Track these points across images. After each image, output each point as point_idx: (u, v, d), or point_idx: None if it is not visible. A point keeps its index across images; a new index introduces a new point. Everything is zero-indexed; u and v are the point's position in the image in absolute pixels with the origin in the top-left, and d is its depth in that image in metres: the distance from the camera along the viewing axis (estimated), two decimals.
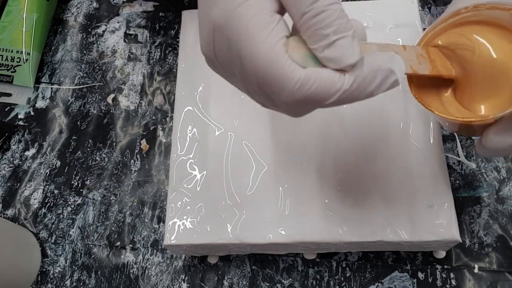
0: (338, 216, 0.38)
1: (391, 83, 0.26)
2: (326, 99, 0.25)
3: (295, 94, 0.25)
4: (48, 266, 0.46)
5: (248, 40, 0.25)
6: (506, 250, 0.42)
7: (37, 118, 0.52)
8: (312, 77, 0.25)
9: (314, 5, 0.24)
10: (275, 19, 0.25)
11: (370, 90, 0.26)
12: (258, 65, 0.25)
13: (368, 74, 0.25)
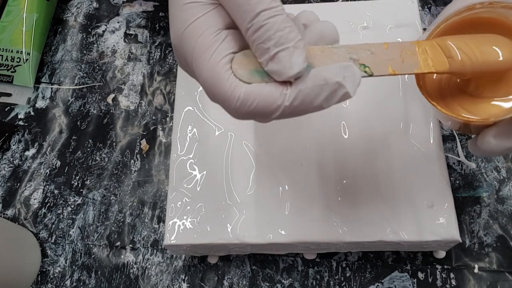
0: (338, 216, 0.38)
1: (340, 96, 0.25)
2: (270, 115, 0.25)
3: (238, 111, 0.25)
4: (48, 266, 0.46)
5: (195, 61, 0.26)
6: (506, 250, 0.42)
7: (37, 118, 0.52)
8: (253, 94, 0.25)
9: (254, 21, 0.24)
10: (221, 37, 0.26)
11: (317, 104, 0.25)
12: (204, 84, 0.26)
13: (313, 88, 0.25)
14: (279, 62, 0.25)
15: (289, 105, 0.25)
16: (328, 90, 0.25)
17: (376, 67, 0.27)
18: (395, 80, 0.43)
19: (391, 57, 0.27)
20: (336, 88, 0.25)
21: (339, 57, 0.27)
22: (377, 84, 0.43)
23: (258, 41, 0.25)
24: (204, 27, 0.26)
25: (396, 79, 0.43)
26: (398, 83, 0.43)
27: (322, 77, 0.25)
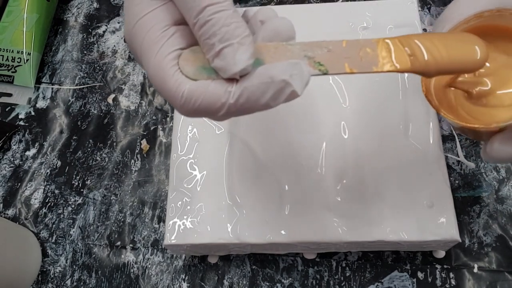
0: (338, 216, 0.38)
1: (288, 95, 0.25)
2: (215, 112, 0.25)
3: (183, 108, 0.25)
4: (48, 266, 0.46)
5: (143, 56, 0.26)
6: (506, 249, 0.42)
7: (38, 118, 0.53)
8: (197, 91, 0.24)
9: (199, 16, 0.24)
10: (169, 33, 0.26)
11: (263, 102, 0.25)
12: (151, 79, 0.25)
13: (258, 86, 0.24)
14: (224, 58, 0.24)
15: (234, 102, 0.24)
16: (274, 88, 0.24)
17: (332, 65, 0.26)
18: (395, 80, 0.43)
19: (349, 55, 0.26)
20: (283, 86, 0.24)
21: (293, 54, 0.26)
22: (377, 84, 0.43)
23: (204, 36, 0.24)
24: (153, 22, 0.26)
25: (397, 79, 0.43)
26: (398, 83, 0.43)
27: (268, 74, 0.24)
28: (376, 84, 0.43)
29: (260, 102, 0.25)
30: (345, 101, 0.42)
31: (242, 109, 0.25)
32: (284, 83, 0.24)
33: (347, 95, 0.43)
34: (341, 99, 0.43)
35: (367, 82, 0.43)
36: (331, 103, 0.42)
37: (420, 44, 0.27)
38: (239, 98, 0.24)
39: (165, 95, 0.25)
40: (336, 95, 0.43)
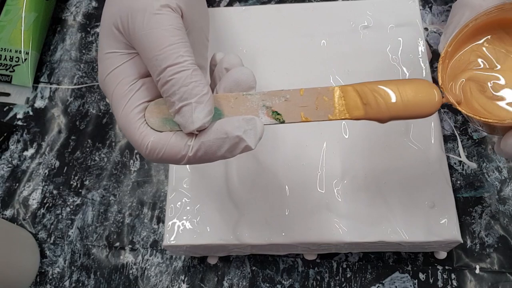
0: (338, 216, 0.38)
1: (241, 149, 0.27)
2: (177, 162, 0.27)
3: (149, 157, 0.27)
4: (47, 267, 0.46)
5: (113, 107, 0.28)
6: (508, 250, 0.41)
7: (36, 118, 0.52)
8: (160, 143, 0.27)
9: (161, 75, 0.26)
10: (136, 86, 0.28)
11: (220, 155, 0.27)
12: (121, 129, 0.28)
13: (214, 141, 0.26)
14: (183, 116, 0.26)
15: (193, 155, 0.27)
16: (229, 143, 0.26)
17: (288, 114, 0.27)
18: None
19: (306, 103, 0.28)
20: (237, 141, 0.26)
21: (252, 104, 0.28)
22: None
23: (166, 94, 0.26)
24: (121, 76, 0.28)
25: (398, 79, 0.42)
26: None
27: (223, 130, 0.26)
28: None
29: (216, 155, 0.27)
30: None
31: (201, 160, 0.27)
32: (238, 139, 0.26)
33: None
34: None
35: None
36: None
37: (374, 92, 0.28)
38: (197, 152, 0.27)
39: (132, 144, 0.28)
40: None
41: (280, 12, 0.47)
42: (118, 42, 0.28)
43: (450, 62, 0.32)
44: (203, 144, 0.26)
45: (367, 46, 0.44)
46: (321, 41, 0.45)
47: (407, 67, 0.43)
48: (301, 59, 0.44)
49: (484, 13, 0.30)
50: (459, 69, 0.32)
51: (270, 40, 0.45)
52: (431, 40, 0.50)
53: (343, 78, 0.43)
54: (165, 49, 0.26)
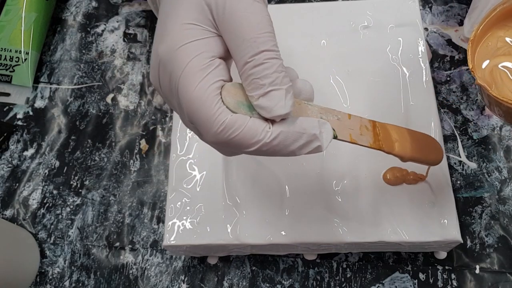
0: (338, 216, 0.38)
1: (314, 148, 0.28)
2: (247, 147, 0.27)
3: (217, 137, 0.26)
4: (47, 267, 0.46)
5: (185, 78, 0.27)
6: (508, 250, 0.41)
7: (36, 118, 0.52)
8: (237, 123, 0.26)
9: (255, 57, 0.26)
10: (215, 63, 0.27)
11: (291, 149, 0.27)
12: (190, 103, 0.26)
13: (293, 133, 0.27)
14: (272, 99, 0.26)
15: (269, 142, 0.26)
16: (305, 138, 0.27)
17: (340, 132, 0.29)
18: (396, 80, 0.43)
19: (352, 127, 0.30)
20: (312, 139, 0.27)
21: (312, 113, 0.29)
22: (378, 84, 0.43)
23: (255, 76, 0.26)
24: (202, 49, 0.27)
25: (398, 79, 0.43)
26: (399, 83, 0.42)
27: (303, 126, 0.27)
28: (377, 84, 0.43)
29: (289, 148, 0.27)
30: (346, 101, 0.42)
31: (271, 150, 0.27)
32: (314, 137, 0.27)
33: (348, 95, 0.42)
34: (341, 99, 0.42)
35: (368, 82, 0.43)
36: (332, 103, 0.42)
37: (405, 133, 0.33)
38: (274, 139, 0.26)
39: (200, 119, 0.26)
40: (337, 95, 0.42)
41: (280, 12, 0.47)
42: (204, 16, 0.28)
43: (478, 46, 0.32)
44: (282, 133, 0.26)
45: (367, 46, 0.44)
46: (321, 41, 0.45)
47: (407, 67, 0.43)
48: (301, 59, 0.44)
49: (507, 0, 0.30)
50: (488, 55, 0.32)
51: None
52: (431, 40, 0.50)
53: (343, 78, 0.43)
54: (264, 34, 0.27)
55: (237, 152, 0.28)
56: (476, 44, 0.32)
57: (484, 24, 0.31)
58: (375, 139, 0.32)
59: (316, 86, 0.43)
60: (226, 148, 0.28)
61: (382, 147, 0.32)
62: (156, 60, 0.28)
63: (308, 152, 0.28)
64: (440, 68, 0.49)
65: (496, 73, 0.31)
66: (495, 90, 0.31)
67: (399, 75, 0.43)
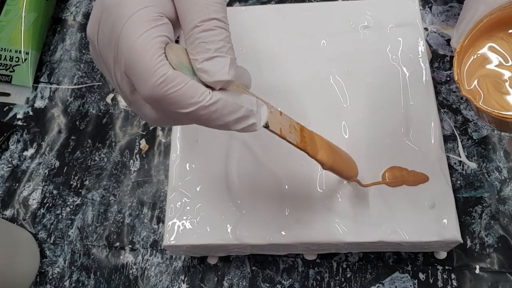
0: (338, 216, 0.38)
1: (249, 124, 0.28)
2: (184, 107, 0.26)
3: (154, 90, 0.25)
4: (47, 267, 0.46)
5: (130, 26, 0.26)
6: (508, 250, 0.41)
7: (36, 118, 0.52)
8: (178, 79, 0.25)
9: (205, 22, 0.26)
10: (163, 19, 0.27)
11: (227, 120, 0.27)
12: (131, 50, 0.26)
13: (232, 103, 0.27)
14: (215, 64, 0.26)
15: (207, 106, 0.26)
16: (243, 112, 0.27)
17: (272, 123, 0.30)
18: (396, 81, 0.43)
19: (283, 124, 0.32)
20: (250, 115, 0.27)
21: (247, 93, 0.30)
22: (378, 84, 0.43)
23: (202, 40, 0.26)
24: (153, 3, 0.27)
25: (398, 79, 0.43)
26: (399, 83, 0.42)
27: (242, 99, 0.27)
28: (377, 84, 0.43)
29: (225, 119, 0.27)
30: (346, 101, 0.42)
31: (206, 116, 0.26)
32: (251, 113, 0.27)
33: (348, 95, 0.42)
34: (342, 99, 0.42)
35: (368, 82, 0.43)
36: (332, 103, 0.42)
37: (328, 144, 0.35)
38: (213, 104, 0.26)
39: (141, 69, 0.26)
40: (337, 95, 0.42)
41: (280, 12, 0.47)
42: None
43: (465, 57, 0.32)
44: (221, 100, 0.26)
45: (367, 46, 0.44)
46: (321, 41, 0.45)
47: (407, 67, 0.43)
48: (301, 59, 0.44)
49: (499, 9, 0.30)
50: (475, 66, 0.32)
51: (270, 40, 0.45)
52: (431, 40, 0.50)
53: (343, 78, 0.43)
54: (217, 4, 0.27)
55: (172, 115, 0.27)
56: (463, 55, 0.32)
57: (471, 35, 0.32)
58: (301, 140, 0.33)
59: (316, 86, 0.43)
60: (160, 106, 0.27)
61: (307, 149, 0.33)
62: (99, 8, 0.28)
63: (243, 129, 0.28)
64: (440, 68, 0.49)
65: (482, 83, 0.32)
66: (482, 100, 0.31)
67: (399, 75, 0.43)
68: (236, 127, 0.27)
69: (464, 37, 0.31)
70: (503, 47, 0.32)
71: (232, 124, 0.27)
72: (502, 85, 0.31)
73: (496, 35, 0.32)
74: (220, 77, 0.26)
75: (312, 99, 0.42)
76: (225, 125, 0.27)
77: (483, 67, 0.32)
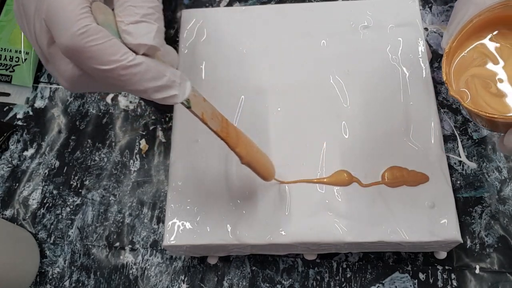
0: (338, 216, 0.38)
1: (170, 95, 0.27)
2: (104, 64, 0.25)
3: (75, 39, 0.25)
4: (47, 267, 0.46)
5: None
6: (508, 250, 0.41)
7: (36, 118, 0.52)
8: (101, 34, 0.25)
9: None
10: None
11: (148, 86, 0.26)
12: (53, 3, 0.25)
13: (155, 70, 0.26)
14: (142, 28, 0.26)
15: (128, 66, 0.25)
16: (165, 81, 0.27)
17: (195, 105, 0.31)
18: (396, 81, 0.43)
19: (206, 110, 0.32)
20: (171, 86, 0.27)
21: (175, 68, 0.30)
22: (378, 84, 0.43)
23: (132, 3, 0.26)
24: None
25: (398, 79, 0.43)
26: (399, 83, 0.42)
27: (166, 70, 0.27)
28: (377, 84, 0.43)
29: (146, 84, 0.26)
30: (346, 101, 0.42)
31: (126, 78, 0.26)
32: (173, 84, 0.27)
33: (348, 95, 0.42)
34: (342, 99, 0.42)
35: (368, 82, 0.43)
36: (332, 103, 0.42)
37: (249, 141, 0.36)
38: (135, 66, 0.26)
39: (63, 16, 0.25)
40: (337, 95, 0.42)
41: (280, 12, 0.47)
42: None
43: (454, 58, 0.32)
44: (144, 63, 0.26)
45: (367, 46, 0.44)
46: (321, 41, 0.45)
47: (407, 67, 0.43)
48: (301, 59, 0.44)
49: (488, 9, 0.30)
50: (464, 66, 0.32)
51: (270, 40, 0.45)
52: (431, 40, 0.50)
53: (343, 78, 0.43)
54: None
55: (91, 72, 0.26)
56: (452, 55, 0.32)
57: (461, 36, 0.32)
58: (222, 130, 0.33)
59: (316, 86, 0.43)
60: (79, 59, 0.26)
61: (227, 139, 0.34)
62: None
63: (163, 99, 0.27)
64: (440, 68, 0.49)
65: (471, 84, 0.32)
66: (470, 101, 0.31)
67: (399, 75, 0.43)
68: (157, 95, 0.27)
69: (453, 38, 0.32)
70: (492, 47, 0.32)
71: (152, 92, 0.27)
72: (491, 85, 0.31)
73: (485, 35, 0.33)
74: (144, 41, 0.26)
75: (312, 99, 0.42)
76: (145, 91, 0.27)
77: (472, 67, 0.32)
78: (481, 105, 0.31)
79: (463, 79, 0.32)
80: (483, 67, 0.32)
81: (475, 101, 0.31)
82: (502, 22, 0.32)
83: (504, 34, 0.32)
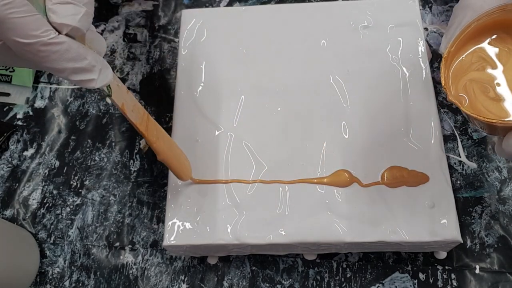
0: (338, 216, 0.38)
1: (87, 79, 0.28)
2: (24, 37, 0.25)
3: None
4: (47, 267, 0.46)
5: None
6: (508, 250, 0.41)
7: (36, 118, 0.52)
8: (25, 7, 0.25)
9: None
10: None
11: (66, 66, 0.26)
12: None
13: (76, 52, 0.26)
14: (69, 9, 0.26)
15: (48, 43, 0.25)
16: (84, 64, 0.27)
17: (116, 95, 0.31)
18: (396, 81, 0.43)
19: (127, 101, 0.33)
20: (91, 70, 0.27)
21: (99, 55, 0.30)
22: (378, 84, 0.43)
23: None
24: None
25: (398, 79, 0.43)
26: (399, 83, 0.42)
27: (89, 53, 0.27)
28: (377, 84, 0.43)
29: (64, 64, 0.26)
30: (346, 101, 0.42)
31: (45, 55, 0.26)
32: (93, 69, 0.27)
33: (348, 95, 0.42)
34: (342, 99, 0.42)
35: (368, 82, 0.43)
36: (332, 103, 0.42)
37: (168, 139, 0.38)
38: (54, 44, 0.26)
39: None
40: (337, 95, 0.42)
41: (280, 12, 0.47)
42: None
43: (452, 62, 0.32)
44: (66, 43, 0.26)
45: (367, 46, 0.44)
46: (321, 41, 0.45)
47: (407, 67, 0.43)
48: (301, 59, 0.44)
49: (486, 14, 0.30)
50: (462, 70, 0.32)
51: (270, 40, 0.45)
52: (431, 40, 0.50)
53: (343, 78, 0.43)
54: None
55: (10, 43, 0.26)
56: (450, 60, 0.32)
57: (459, 41, 0.32)
58: (141, 123, 0.34)
59: (316, 86, 0.43)
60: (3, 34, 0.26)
61: (146, 133, 0.34)
62: None
63: (80, 81, 0.27)
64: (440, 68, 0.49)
65: (470, 88, 0.32)
66: (469, 105, 0.31)
67: (399, 75, 0.43)
68: (74, 77, 0.27)
69: (451, 43, 0.32)
70: (490, 52, 0.32)
71: (69, 73, 0.27)
72: (489, 89, 0.31)
73: (483, 40, 0.33)
74: (68, 21, 0.26)
75: (312, 99, 0.42)
76: (63, 70, 0.27)
77: (470, 72, 0.32)
78: (479, 109, 0.31)
79: (462, 84, 0.32)
80: (482, 72, 0.32)
81: (473, 105, 0.31)
82: (501, 27, 0.32)
83: (502, 39, 0.32)
